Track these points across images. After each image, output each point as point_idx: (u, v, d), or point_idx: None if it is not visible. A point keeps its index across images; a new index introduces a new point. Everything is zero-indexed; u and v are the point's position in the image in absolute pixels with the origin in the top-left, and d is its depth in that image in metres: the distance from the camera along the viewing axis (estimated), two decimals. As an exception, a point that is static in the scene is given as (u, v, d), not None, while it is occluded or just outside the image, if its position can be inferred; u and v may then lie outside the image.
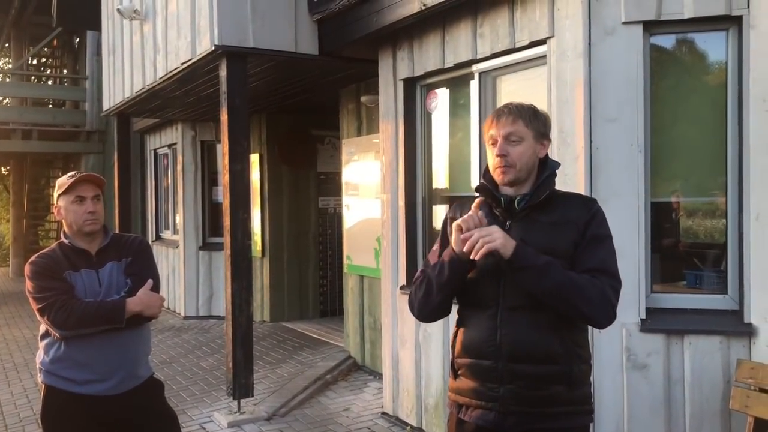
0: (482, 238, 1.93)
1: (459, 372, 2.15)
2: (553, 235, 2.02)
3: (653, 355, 3.32)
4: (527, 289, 1.97)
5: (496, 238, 1.93)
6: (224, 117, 4.99)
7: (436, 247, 2.25)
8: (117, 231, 6.82)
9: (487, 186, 2.12)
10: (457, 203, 2.28)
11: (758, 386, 2.98)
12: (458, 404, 2.15)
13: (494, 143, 2.09)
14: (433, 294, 2.11)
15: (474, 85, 4.23)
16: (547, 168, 2.12)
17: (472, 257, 1.96)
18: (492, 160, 2.10)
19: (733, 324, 3.26)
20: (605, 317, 2.01)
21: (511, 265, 1.95)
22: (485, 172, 2.16)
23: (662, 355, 3.31)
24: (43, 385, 2.69)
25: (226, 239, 5.03)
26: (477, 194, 2.15)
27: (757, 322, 3.17)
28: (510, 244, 1.94)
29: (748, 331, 3.19)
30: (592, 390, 2.19)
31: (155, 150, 10.44)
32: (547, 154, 2.15)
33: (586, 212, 2.08)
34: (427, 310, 2.18)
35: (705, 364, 3.26)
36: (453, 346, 2.18)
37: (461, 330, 2.16)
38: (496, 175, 2.10)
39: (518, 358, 2.00)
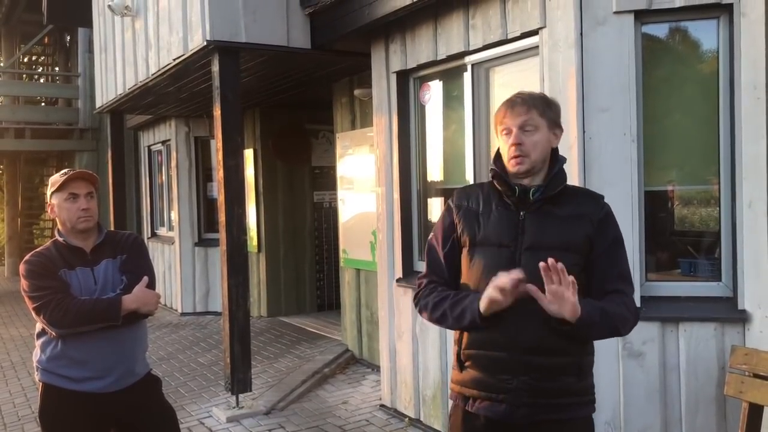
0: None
1: (466, 364, 2.12)
2: (567, 230, 2.03)
3: (648, 343, 3.34)
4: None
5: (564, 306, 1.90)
6: (217, 112, 4.99)
7: (436, 236, 2.20)
8: (112, 229, 6.81)
9: (501, 173, 2.09)
10: (461, 190, 2.25)
11: (752, 372, 2.99)
12: (464, 396, 2.13)
13: (508, 133, 2.06)
14: (448, 324, 2.14)
15: (467, 76, 4.23)
16: (557, 160, 2.11)
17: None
18: (506, 150, 2.07)
19: (728, 311, 3.28)
20: (630, 331, 2.14)
21: (572, 327, 1.95)
22: (495, 159, 2.14)
23: (657, 343, 3.33)
24: (41, 384, 2.69)
25: (222, 235, 5.03)
26: (473, 183, 2.15)
27: (750, 309, 3.20)
28: (577, 310, 1.91)
29: (742, 318, 3.21)
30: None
31: (149, 147, 10.40)
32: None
33: (598, 208, 2.11)
34: (439, 326, 2.25)
35: (700, 351, 3.28)
36: (459, 339, 2.15)
37: None
38: (511, 166, 2.06)
39: (532, 350, 2.00)
